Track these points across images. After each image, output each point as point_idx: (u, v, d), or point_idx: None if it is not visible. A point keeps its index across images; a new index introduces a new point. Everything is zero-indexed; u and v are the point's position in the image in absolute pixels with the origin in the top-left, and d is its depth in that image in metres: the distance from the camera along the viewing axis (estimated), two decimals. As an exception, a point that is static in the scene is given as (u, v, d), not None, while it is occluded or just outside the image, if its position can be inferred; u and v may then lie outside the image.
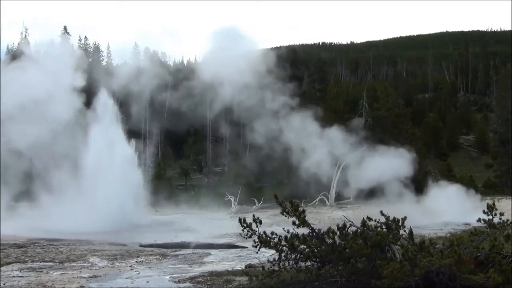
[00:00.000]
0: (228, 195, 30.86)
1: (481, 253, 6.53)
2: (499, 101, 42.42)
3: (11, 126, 20.88)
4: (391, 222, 6.86)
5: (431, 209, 22.51)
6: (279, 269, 7.00)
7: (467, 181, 34.78)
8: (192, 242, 15.13)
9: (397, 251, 6.61)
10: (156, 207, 27.34)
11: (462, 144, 51.89)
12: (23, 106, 21.15)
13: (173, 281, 9.27)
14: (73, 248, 13.82)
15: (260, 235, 7.07)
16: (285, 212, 7.11)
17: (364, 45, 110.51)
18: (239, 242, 13.92)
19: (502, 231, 6.98)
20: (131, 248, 14.28)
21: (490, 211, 7.11)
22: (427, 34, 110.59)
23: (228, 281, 8.85)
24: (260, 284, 7.09)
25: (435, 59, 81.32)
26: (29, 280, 9.45)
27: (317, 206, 28.68)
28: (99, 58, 58.71)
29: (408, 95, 58.37)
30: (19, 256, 12.42)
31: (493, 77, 59.80)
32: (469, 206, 22.15)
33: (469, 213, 17.94)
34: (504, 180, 35.80)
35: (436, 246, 6.62)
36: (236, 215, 22.52)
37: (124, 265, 11.26)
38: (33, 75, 21.95)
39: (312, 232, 7.01)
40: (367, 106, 41.47)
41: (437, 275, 6.07)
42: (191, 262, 11.89)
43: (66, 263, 11.47)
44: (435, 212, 22.33)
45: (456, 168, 40.01)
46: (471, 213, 16.53)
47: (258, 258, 11.14)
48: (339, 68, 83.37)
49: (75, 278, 9.67)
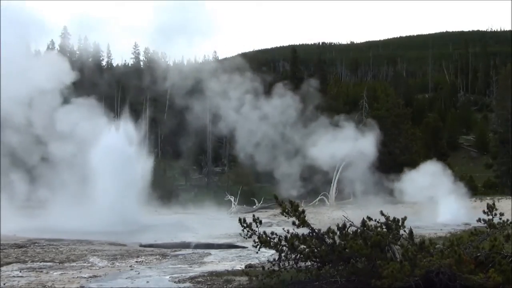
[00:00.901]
0: (228, 195, 30.89)
1: (481, 253, 6.53)
2: (499, 101, 42.42)
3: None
4: (391, 222, 6.86)
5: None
6: (279, 269, 7.00)
7: (467, 181, 34.87)
8: (192, 242, 15.13)
9: (397, 251, 6.61)
10: (156, 207, 27.35)
11: (462, 144, 51.90)
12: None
13: (173, 281, 9.27)
14: (73, 248, 13.81)
15: (260, 235, 7.07)
16: (285, 212, 7.10)
17: (364, 45, 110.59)
18: (239, 242, 13.91)
19: (502, 231, 6.98)
20: (131, 248, 14.27)
21: (490, 211, 7.11)
22: (427, 34, 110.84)
23: (228, 281, 8.84)
24: (260, 284, 7.09)
25: (435, 59, 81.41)
26: (29, 280, 9.44)
27: (317, 206, 28.69)
28: (99, 58, 58.65)
29: (408, 95, 58.42)
30: (19, 256, 12.41)
31: (493, 77, 59.85)
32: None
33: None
34: (504, 180, 35.80)
35: (436, 246, 6.61)
36: (236, 215, 22.52)
37: (124, 265, 11.26)
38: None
39: (312, 232, 7.01)
40: (367, 106, 41.47)
41: (437, 275, 6.06)
42: (191, 262, 11.89)
43: (66, 263, 11.46)
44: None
45: (456, 168, 40.01)
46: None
47: (258, 258, 11.14)
48: (339, 68, 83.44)
49: (75, 278, 9.66)
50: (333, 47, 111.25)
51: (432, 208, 22.97)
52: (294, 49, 64.52)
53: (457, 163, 44.02)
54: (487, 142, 45.93)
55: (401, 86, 59.69)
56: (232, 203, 29.61)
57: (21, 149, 21.49)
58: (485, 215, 7.14)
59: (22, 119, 21.50)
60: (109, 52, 63.56)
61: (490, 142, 43.76)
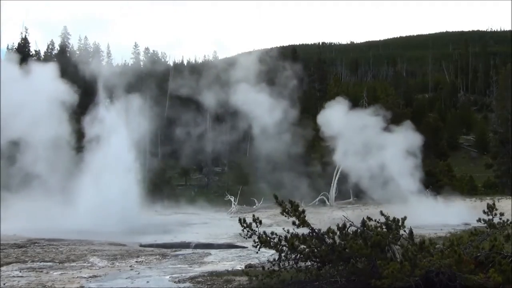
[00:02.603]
0: (228, 195, 30.89)
1: (481, 253, 6.52)
2: (499, 101, 42.39)
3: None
4: (391, 222, 6.86)
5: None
6: (279, 269, 7.00)
7: (467, 181, 34.89)
8: (192, 242, 15.12)
9: (397, 251, 6.61)
10: (156, 207, 27.36)
11: (462, 144, 51.88)
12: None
13: (173, 281, 9.27)
14: (73, 248, 13.81)
15: (260, 235, 7.06)
16: (285, 212, 7.10)
17: (364, 45, 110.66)
18: (239, 242, 13.91)
19: (502, 231, 6.98)
20: (131, 248, 14.26)
21: (490, 211, 7.11)
22: (427, 34, 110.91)
23: (228, 281, 8.84)
24: (260, 284, 7.09)
25: (435, 59, 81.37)
26: (29, 280, 9.44)
27: (317, 206, 28.68)
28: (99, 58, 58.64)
29: (408, 95, 58.40)
30: (19, 256, 12.41)
31: (493, 77, 59.78)
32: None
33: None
34: (504, 180, 35.78)
35: (436, 246, 6.61)
36: (236, 215, 22.56)
37: (124, 265, 11.26)
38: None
39: (312, 232, 7.01)
40: (367, 106, 41.42)
41: (437, 275, 6.06)
42: (191, 262, 11.89)
43: (66, 263, 11.46)
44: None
45: (456, 168, 40.05)
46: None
47: (258, 258, 11.14)
48: (339, 68, 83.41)
49: (75, 278, 9.66)
50: (333, 47, 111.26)
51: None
52: (294, 49, 64.55)
53: (457, 163, 44.00)
54: (487, 142, 45.90)
55: (401, 86, 59.64)
56: (232, 203, 29.61)
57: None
58: (485, 215, 7.14)
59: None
60: (109, 52, 63.65)
61: (490, 142, 43.74)
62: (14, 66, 22.79)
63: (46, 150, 21.49)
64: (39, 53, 53.67)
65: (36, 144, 21.27)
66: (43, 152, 21.43)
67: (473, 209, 20.90)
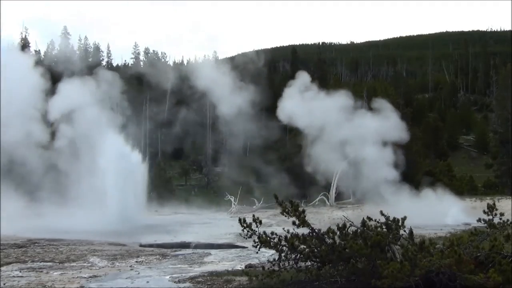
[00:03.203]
0: (228, 195, 30.86)
1: (481, 253, 6.52)
2: (499, 101, 42.38)
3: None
4: (391, 222, 6.85)
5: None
6: (279, 269, 6.99)
7: (467, 181, 34.89)
8: (192, 242, 15.12)
9: (397, 251, 6.61)
10: (156, 207, 27.36)
11: (462, 144, 51.89)
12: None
13: (173, 281, 9.27)
14: (73, 248, 13.81)
15: (260, 235, 7.06)
16: (285, 212, 7.10)
17: (364, 45, 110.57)
18: (239, 242, 13.90)
19: (502, 231, 6.97)
20: (131, 248, 14.26)
21: (490, 211, 7.10)
22: (427, 34, 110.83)
23: (228, 281, 8.84)
24: (260, 284, 7.08)
25: (435, 59, 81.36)
26: (29, 280, 9.44)
27: (317, 206, 28.67)
28: (99, 58, 58.71)
29: (408, 95, 58.32)
30: (19, 256, 12.41)
31: (493, 77, 59.76)
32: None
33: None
34: (504, 180, 35.77)
35: (436, 246, 6.61)
36: (236, 215, 22.53)
37: (124, 265, 11.26)
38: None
39: (312, 232, 7.01)
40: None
41: (437, 275, 6.06)
42: (191, 262, 11.89)
43: (66, 263, 11.46)
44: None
45: (456, 168, 40.04)
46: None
47: (258, 258, 11.14)
48: (339, 68, 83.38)
49: (75, 278, 9.66)
50: (333, 47, 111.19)
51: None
52: (294, 49, 64.62)
53: (457, 163, 44.00)
54: (487, 142, 45.90)
55: (401, 86, 59.60)
56: (232, 203, 29.59)
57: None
58: (485, 215, 7.14)
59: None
60: (109, 52, 63.69)
61: (490, 142, 43.74)
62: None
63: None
64: (39, 53, 53.70)
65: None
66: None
67: (473, 209, 20.91)
